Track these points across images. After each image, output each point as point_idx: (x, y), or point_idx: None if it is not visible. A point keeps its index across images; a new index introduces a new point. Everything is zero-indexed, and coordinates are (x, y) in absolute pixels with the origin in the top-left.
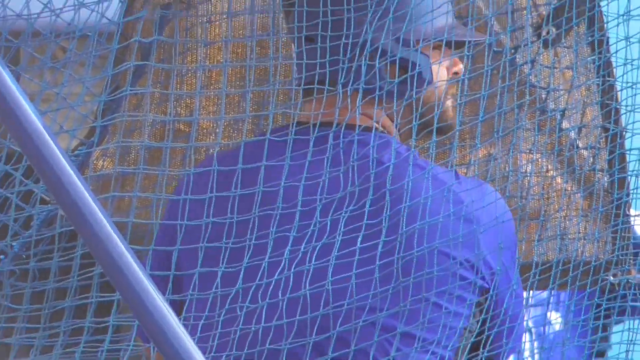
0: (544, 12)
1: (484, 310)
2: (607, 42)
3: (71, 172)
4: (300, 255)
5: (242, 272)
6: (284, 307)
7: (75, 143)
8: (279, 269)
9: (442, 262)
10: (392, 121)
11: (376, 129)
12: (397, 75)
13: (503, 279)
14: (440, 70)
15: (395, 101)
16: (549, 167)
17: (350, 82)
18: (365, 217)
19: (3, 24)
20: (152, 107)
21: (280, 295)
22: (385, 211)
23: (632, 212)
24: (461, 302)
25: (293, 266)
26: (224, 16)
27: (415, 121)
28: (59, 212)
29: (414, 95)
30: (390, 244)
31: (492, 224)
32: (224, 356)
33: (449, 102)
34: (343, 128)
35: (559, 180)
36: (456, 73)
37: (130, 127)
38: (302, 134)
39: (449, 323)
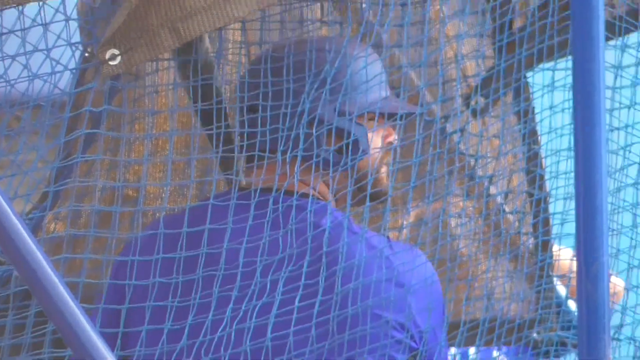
0: (473, 83)
1: None
2: (533, 112)
3: (25, 234)
4: (241, 313)
5: (186, 330)
6: None
7: (30, 207)
8: (221, 327)
9: (374, 323)
10: (329, 188)
11: (313, 195)
12: (333, 144)
13: (431, 338)
14: (375, 139)
15: (332, 169)
16: (477, 230)
17: (290, 150)
18: (303, 277)
19: None
20: (102, 173)
21: (222, 351)
22: (322, 272)
23: (555, 273)
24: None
25: (234, 324)
26: (170, 87)
27: (351, 187)
28: (14, 273)
29: (349, 164)
30: (325, 304)
31: (421, 286)
32: None
33: (383, 170)
34: (282, 194)
35: (486, 242)
36: (390, 142)
37: (81, 193)
38: (243, 199)
39: None
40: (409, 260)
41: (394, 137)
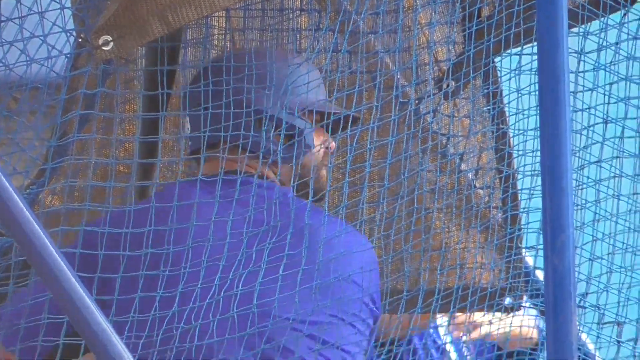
0: (444, 67)
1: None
2: (501, 94)
3: (24, 208)
4: (231, 275)
5: (177, 297)
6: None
7: (27, 183)
8: (212, 291)
9: (348, 287)
10: (275, 175)
11: (269, 179)
12: (282, 137)
13: (379, 301)
14: (316, 141)
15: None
16: (450, 204)
17: (243, 144)
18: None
19: None
20: (95, 151)
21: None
22: (305, 241)
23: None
24: (364, 323)
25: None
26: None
27: (295, 180)
28: (14, 244)
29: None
30: (296, 264)
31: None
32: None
33: (323, 171)
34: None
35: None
36: (327, 148)
37: (76, 169)
38: (211, 182)
39: (356, 338)
40: (353, 230)
41: (332, 144)
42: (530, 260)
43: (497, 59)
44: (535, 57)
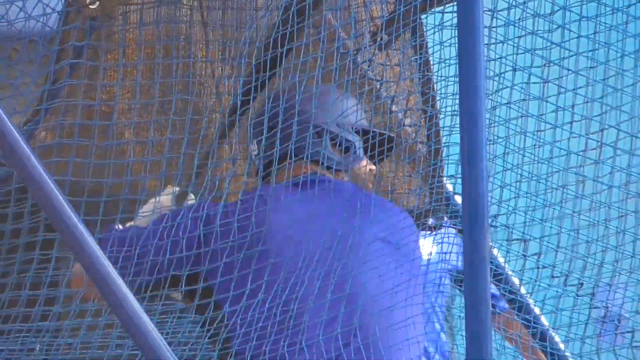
0: (379, 23)
1: None
2: (426, 46)
3: (21, 142)
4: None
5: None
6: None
7: (25, 120)
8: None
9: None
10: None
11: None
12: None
13: None
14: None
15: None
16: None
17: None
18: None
19: None
20: (82, 94)
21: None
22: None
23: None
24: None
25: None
26: (137, 25)
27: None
28: (14, 173)
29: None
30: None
31: None
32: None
33: (369, 184)
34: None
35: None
36: (372, 169)
37: (65, 109)
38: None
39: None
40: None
41: (373, 167)
42: (450, 187)
43: (423, 16)
44: (455, 14)
